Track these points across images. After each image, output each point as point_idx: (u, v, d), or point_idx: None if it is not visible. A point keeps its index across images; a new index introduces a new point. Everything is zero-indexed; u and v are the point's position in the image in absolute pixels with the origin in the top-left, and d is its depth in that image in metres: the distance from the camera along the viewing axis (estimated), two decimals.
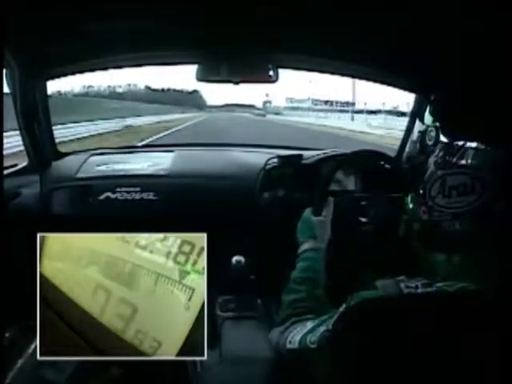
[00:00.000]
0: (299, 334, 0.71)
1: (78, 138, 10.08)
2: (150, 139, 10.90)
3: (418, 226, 0.66)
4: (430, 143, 0.63)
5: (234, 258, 1.34)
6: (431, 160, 0.62)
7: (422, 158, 0.64)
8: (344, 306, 0.62)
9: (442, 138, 0.62)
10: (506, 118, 0.59)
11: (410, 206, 0.68)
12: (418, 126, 1.32)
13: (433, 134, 0.63)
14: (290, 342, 0.72)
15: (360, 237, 1.21)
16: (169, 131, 14.81)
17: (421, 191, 0.63)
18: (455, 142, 0.60)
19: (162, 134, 13.18)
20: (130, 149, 1.81)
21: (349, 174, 1.39)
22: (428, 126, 0.65)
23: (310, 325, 0.71)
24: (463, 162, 0.58)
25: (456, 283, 0.56)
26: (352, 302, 0.60)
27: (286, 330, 0.77)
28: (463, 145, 0.59)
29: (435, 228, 0.61)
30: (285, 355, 0.76)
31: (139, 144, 7.17)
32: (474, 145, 0.58)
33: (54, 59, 1.31)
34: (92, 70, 1.51)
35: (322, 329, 0.65)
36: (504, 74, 0.89)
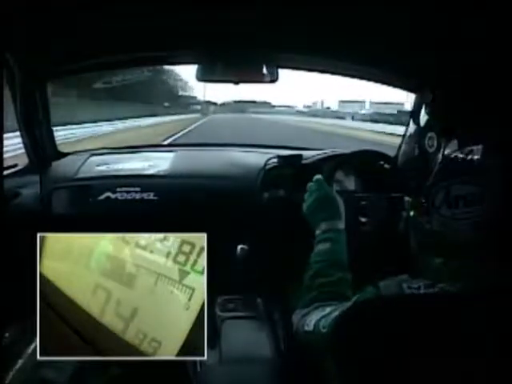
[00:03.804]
0: (316, 317, 0.70)
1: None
2: None
3: (420, 234, 0.64)
4: (430, 150, 0.61)
5: (239, 246, 1.39)
6: (433, 168, 0.60)
7: (422, 164, 0.62)
8: (353, 299, 0.61)
9: (444, 146, 0.59)
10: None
11: (411, 213, 0.65)
12: (416, 131, 1.27)
13: (433, 140, 0.61)
14: (308, 325, 0.71)
15: (360, 237, 1.21)
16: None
17: (423, 200, 0.60)
18: (458, 150, 0.57)
19: None
20: (130, 149, 1.81)
21: (349, 174, 1.39)
22: (427, 132, 0.62)
23: (328, 310, 0.69)
24: (468, 170, 0.55)
25: (458, 284, 0.56)
26: (360, 297, 0.60)
27: (307, 315, 0.75)
28: (467, 152, 0.56)
29: (439, 238, 0.59)
30: (301, 338, 0.75)
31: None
32: (478, 152, 0.55)
33: (54, 59, 1.31)
34: (92, 70, 1.51)
35: (334, 315, 0.64)
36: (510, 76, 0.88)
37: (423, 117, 0.65)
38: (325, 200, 0.92)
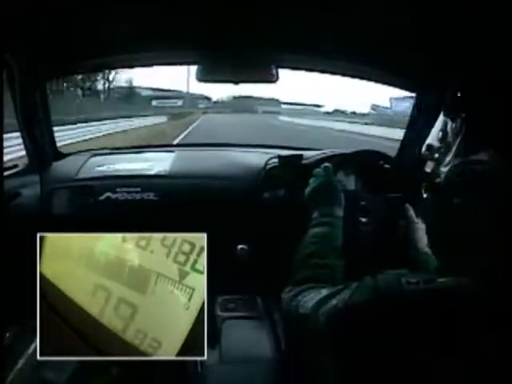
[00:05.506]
0: (312, 300, 0.67)
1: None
2: None
3: (430, 220, 0.64)
4: (449, 137, 0.61)
5: (239, 246, 1.40)
6: (449, 155, 0.60)
7: (439, 151, 0.62)
8: (351, 289, 0.61)
9: (462, 133, 0.59)
10: None
11: (424, 195, 0.65)
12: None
13: (454, 128, 0.61)
14: (303, 307, 0.68)
15: (359, 237, 1.21)
16: None
17: (437, 180, 0.60)
18: (475, 138, 0.57)
19: None
20: (131, 149, 1.81)
21: (349, 174, 1.39)
22: (448, 120, 0.62)
23: (324, 292, 0.66)
24: (483, 158, 0.55)
25: (457, 279, 0.55)
26: (358, 287, 0.60)
27: (300, 294, 0.73)
28: (483, 141, 0.56)
29: (450, 224, 0.59)
30: (294, 319, 0.72)
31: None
32: (495, 141, 0.55)
33: (53, 59, 1.31)
34: (92, 70, 1.52)
35: (333, 303, 0.62)
36: None
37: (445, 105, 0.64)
38: (329, 186, 0.95)
